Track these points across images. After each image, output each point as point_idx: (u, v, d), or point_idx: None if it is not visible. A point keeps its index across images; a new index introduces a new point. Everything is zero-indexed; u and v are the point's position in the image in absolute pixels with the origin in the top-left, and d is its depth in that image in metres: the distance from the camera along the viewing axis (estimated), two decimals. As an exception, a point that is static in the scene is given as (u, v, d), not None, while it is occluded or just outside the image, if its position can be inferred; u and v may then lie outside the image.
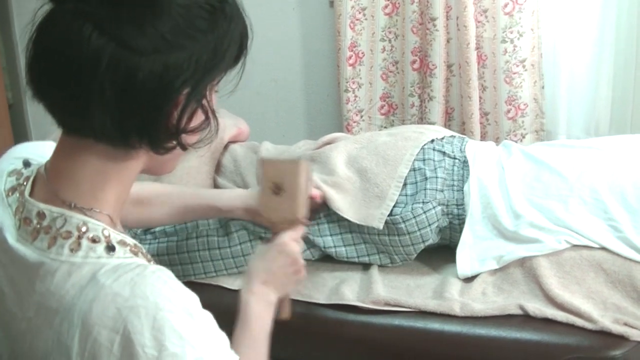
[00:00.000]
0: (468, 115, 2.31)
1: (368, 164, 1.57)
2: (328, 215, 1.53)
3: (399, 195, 1.51)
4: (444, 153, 1.60)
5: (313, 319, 1.45)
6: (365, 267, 1.56)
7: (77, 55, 0.72)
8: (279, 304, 1.04)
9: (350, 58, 2.42)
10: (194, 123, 0.80)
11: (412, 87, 2.41)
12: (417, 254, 1.53)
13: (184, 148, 0.82)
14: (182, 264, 1.52)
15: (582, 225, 1.44)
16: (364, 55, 2.44)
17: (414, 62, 2.39)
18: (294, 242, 1.05)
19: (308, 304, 1.46)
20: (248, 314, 0.98)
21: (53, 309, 0.75)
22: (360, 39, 2.41)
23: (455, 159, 1.60)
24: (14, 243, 0.80)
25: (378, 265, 1.55)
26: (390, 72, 2.46)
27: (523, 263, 1.43)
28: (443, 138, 1.67)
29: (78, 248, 0.77)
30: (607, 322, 1.30)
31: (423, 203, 1.50)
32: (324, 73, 2.62)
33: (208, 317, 0.78)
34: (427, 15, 2.28)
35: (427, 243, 1.52)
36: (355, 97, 2.46)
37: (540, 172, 1.56)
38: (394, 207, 1.50)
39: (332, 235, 1.54)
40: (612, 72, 2.28)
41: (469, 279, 1.47)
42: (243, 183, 1.89)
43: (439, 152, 1.60)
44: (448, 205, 1.54)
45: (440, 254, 1.57)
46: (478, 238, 1.51)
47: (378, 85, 2.47)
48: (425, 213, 1.49)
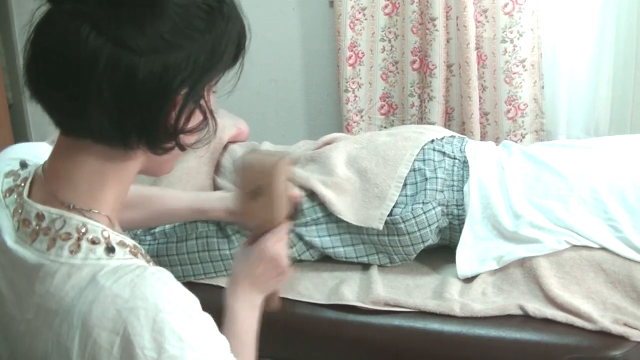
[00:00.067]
0: (468, 115, 2.31)
1: (368, 165, 1.57)
2: (326, 216, 1.53)
3: (399, 196, 1.51)
4: (444, 153, 1.60)
5: (313, 319, 1.45)
6: (365, 267, 1.56)
7: (75, 56, 0.72)
8: (267, 297, 1.04)
9: (350, 58, 2.42)
10: (192, 123, 0.80)
11: (412, 87, 2.41)
12: (416, 254, 1.54)
13: (182, 148, 0.81)
14: (181, 265, 1.52)
15: (582, 226, 1.44)
16: (364, 55, 2.44)
17: (414, 62, 2.39)
18: (277, 244, 1.02)
19: (308, 304, 1.46)
20: (234, 319, 0.98)
21: (53, 311, 0.75)
22: (360, 39, 2.41)
23: (455, 159, 1.60)
24: (13, 245, 0.80)
25: (377, 265, 1.55)
26: (390, 72, 2.46)
27: (523, 263, 1.43)
28: (443, 138, 1.66)
29: (78, 249, 0.77)
30: (606, 322, 1.30)
31: (423, 203, 1.50)
32: (324, 73, 2.62)
33: (208, 319, 0.78)
34: (427, 15, 2.28)
35: (426, 243, 1.52)
36: (355, 97, 2.46)
37: (540, 172, 1.56)
38: (394, 207, 1.50)
39: (330, 236, 1.54)
40: (611, 72, 2.28)
41: (469, 279, 1.47)
42: (243, 183, 1.89)
43: (439, 152, 1.60)
44: (448, 206, 1.54)
45: (440, 254, 1.57)
46: (478, 238, 1.51)
47: (378, 85, 2.47)
48: (425, 213, 1.49)
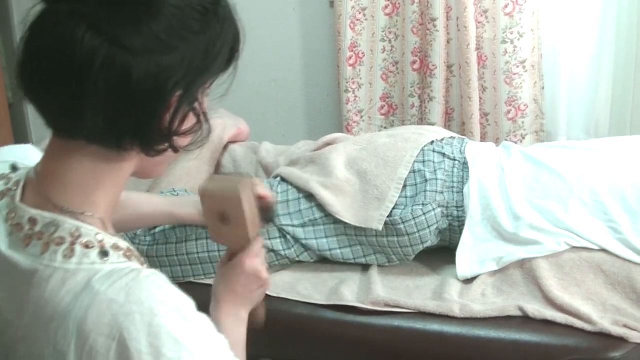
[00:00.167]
0: (468, 116, 2.31)
1: (368, 166, 1.57)
2: (324, 217, 1.53)
3: (399, 197, 1.51)
4: (444, 154, 1.60)
5: (312, 320, 1.45)
6: (365, 267, 1.56)
7: (70, 55, 0.71)
8: (251, 313, 1.04)
9: (351, 58, 2.42)
10: (186, 125, 0.79)
11: (412, 87, 2.41)
12: (414, 255, 1.53)
13: (176, 150, 0.81)
14: (181, 265, 1.52)
15: (581, 227, 1.44)
16: (364, 56, 2.44)
17: (414, 62, 2.38)
18: (254, 259, 1.02)
19: (308, 305, 1.46)
20: (221, 331, 0.98)
21: (48, 317, 0.74)
22: (361, 40, 2.41)
23: (455, 161, 1.60)
24: (6, 250, 0.79)
25: (377, 266, 1.55)
26: (391, 72, 2.46)
27: (523, 264, 1.43)
28: (443, 139, 1.66)
29: (72, 254, 0.76)
30: (606, 323, 1.30)
31: (423, 205, 1.50)
32: (324, 73, 2.62)
33: (204, 320, 0.77)
34: (427, 16, 2.28)
35: (425, 245, 1.52)
36: (356, 97, 2.46)
37: (540, 173, 1.56)
38: (394, 208, 1.50)
39: (327, 238, 1.53)
40: (612, 73, 2.28)
41: (469, 281, 1.47)
42: (243, 183, 1.89)
43: (439, 153, 1.60)
44: (448, 207, 1.53)
45: (440, 255, 1.57)
46: (478, 240, 1.51)
47: (378, 86, 2.47)
48: (425, 215, 1.49)
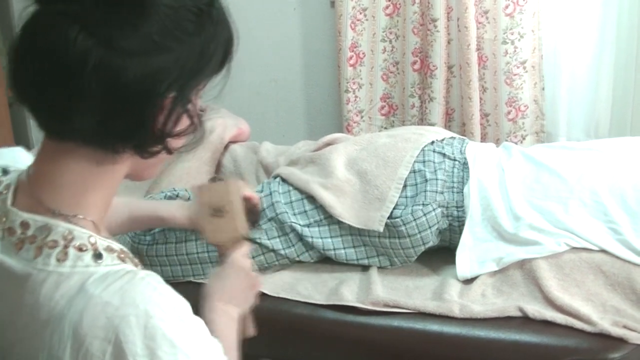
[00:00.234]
0: (468, 117, 2.31)
1: (368, 166, 1.57)
2: (328, 217, 1.53)
3: (399, 197, 1.51)
4: (444, 155, 1.60)
5: (312, 320, 1.45)
6: (365, 268, 1.56)
7: (63, 57, 0.71)
8: (242, 322, 1.05)
9: (351, 58, 2.42)
10: (180, 127, 0.79)
11: (412, 87, 2.41)
12: (417, 256, 1.53)
13: (170, 152, 0.80)
14: (181, 265, 1.52)
15: (581, 228, 1.44)
16: (365, 56, 2.44)
17: (415, 62, 2.38)
18: (244, 257, 1.06)
19: (308, 305, 1.46)
20: (214, 330, 0.98)
21: (43, 321, 0.74)
22: (361, 40, 2.41)
23: (455, 161, 1.60)
24: None
25: (377, 267, 1.55)
26: (391, 72, 2.46)
27: (522, 265, 1.43)
28: (443, 139, 1.66)
29: (65, 257, 0.75)
30: (606, 324, 1.30)
31: (423, 205, 1.50)
32: (325, 73, 2.62)
33: (199, 323, 0.77)
34: (428, 16, 2.28)
35: (427, 245, 1.52)
36: (356, 97, 2.46)
37: (540, 173, 1.56)
38: (394, 209, 1.50)
39: (332, 238, 1.54)
40: (612, 74, 2.28)
41: (469, 281, 1.47)
42: (243, 183, 1.89)
43: (439, 153, 1.60)
44: (448, 207, 1.53)
45: (440, 256, 1.57)
46: (478, 240, 1.51)
47: (378, 86, 2.47)
48: (426, 215, 1.49)
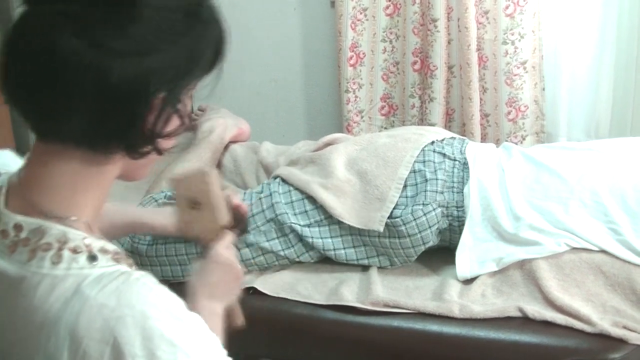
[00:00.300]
0: (468, 117, 2.31)
1: (368, 166, 1.57)
2: (328, 217, 1.53)
3: (399, 197, 1.51)
4: (444, 155, 1.60)
5: (312, 320, 1.45)
6: (365, 268, 1.56)
7: (53, 58, 0.71)
8: (229, 313, 1.04)
9: (351, 58, 2.42)
10: (170, 127, 0.79)
11: (412, 88, 2.40)
12: (417, 256, 1.53)
13: (160, 153, 0.80)
14: (181, 265, 1.52)
15: (582, 228, 1.44)
16: (365, 56, 2.43)
17: (415, 63, 2.38)
18: (226, 249, 1.04)
19: (307, 305, 1.46)
20: None
21: (38, 323, 0.73)
22: (361, 40, 2.41)
23: (456, 161, 1.60)
24: None
25: (377, 267, 1.55)
26: (391, 72, 2.46)
27: (522, 265, 1.43)
28: (443, 140, 1.66)
29: (59, 260, 0.75)
30: (606, 325, 1.30)
31: (423, 205, 1.50)
32: (325, 73, 2.62)
33: (197, 319, 0.77)
34: (428, 17, 2.28)
35: (427, 245, 1.52)
36: (356, 97, 2.46)
37: (540, 174, 1.56)
38: (394, 209, 1.50)
39: (332, 238, 1.54)
40: (612, 74, 2.28)
41: (469, 281, 1.47)
42: (243, 183, 1.89)
43: (439, 153, 1.60)
44: (448, 207, 1.53)
45: (440, 256, 1.57)
46: (478, 240, 1.51)
47: (379, 86, 2.47)
48: (426, 215, 1.49)
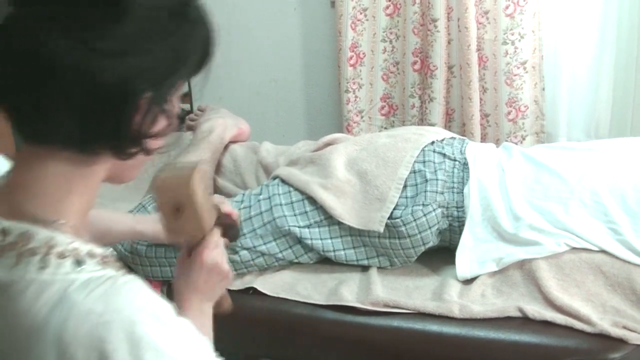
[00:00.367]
0: (468, 117, 2.31)
1: (368, 166, 1.57)
2: (328, 218, 1.53)
3: (399, 198, 1.51)
4: (444, 155, 1.60)
5: (312, 320, 1.45)
6: (365, 268, 1.56)
7: (39, 59, 0.71)
8: (217, 301, 1.04)
9: (351, 58, 2.42)
10: (157, 128, 0.78)
11: (412, 88, 2.40)
12: (417, 257, 1.53)
13: (148, 153, 0.80)
14: (181, 265, 1.52)
15: (581, 228, 1.44)
16: (365, 56, 2.43)
17: (415, 63, 2.38)
18: (213, 251, 1.01)
19: (307, 305, 1.46)
20: None
21: (25, 329, 0.73)
22: (361, 40, 2.41)
23: (456, 161, 1.60)
24: None
25: (377, 267, 1.55)
26: (391, 72, 2.46)
27: (522, 265, 1.43)
28: (443, 140, 1.66)
29: (46, 265, 0.74)
30: (606, 325, 1.30)
31: (423, 205, 1.50)
32: (325, 73, 2.62)
33: (185, 324, 0.76)
34: (428, 17, 2.28)
35: (427, 246, 1.52)
36: (356, 97, 2.46)
37: (540, 174, 1.56)
38: (394, 209, 1.50)
39: (332, 239, 1.53)
40: (612, 74, 2.28)
41: (468, 281, 1.47)
42: (242, 183, 1.89)
43: (439, 154, 1.60)
44: (448, 208, 1.53)
45: (440, 256, 1.57)
46: (478, 240, 1.51)
47: (379, 86, 2.47)
48: (426, 216, 1.49)
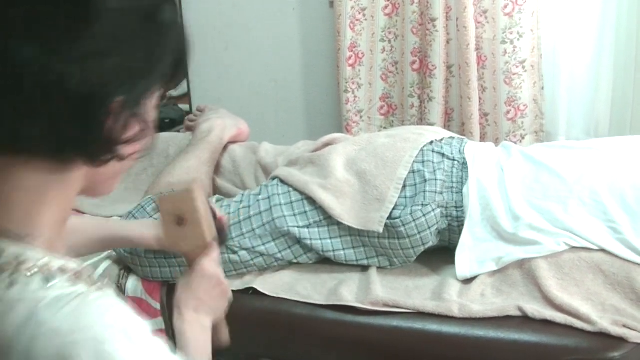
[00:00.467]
0: (468, 116, 2.31)
1: (367, 167, 1.57)
2: (327, 218, 1.53)
3: (398, 198, 1.51)
4: (443, 155, 1.60)
5: (312, 320, 1.45)
6: (364, 268, 1.56)
7: (4, 65, 0.68)
8: (215, 330, 1.04)
9: (350, 58, 2.42)
10: (130, 133, 0.75)
11: (411, 87, 2.40)
12: (416, 257, 1.53)
13: (122, 159, 0.77)
14: (179, 267, 1.51)
15: (581, 227, 1.44)
16: (364, 56, 2.43)
17: (414, 62, 2.38)
18: (212, 264, 1.04)
19: (307, 305, 1.46)
20: (187, 342, 0.97)
21: None
22: (360, 40, 2.41)
23: (455, 161, 1.60)
24: None
25: (377, 267, 1.55)
26: (390, 72, 2.46)
27: (522, 265, 1.43)
28: (442, 139, 1.66)
29: (14, 282, 0.71)
30: (605, 323, 1.30)
31: (422, 205, 1.50)
32: (324, 73, 2.62)
33: (157, 343, 0.73)
34: (427, 16, 2.27)
35: (427, 246, 1.52)
36: (355, 97, 2.46)
37: (540, 173, 1.56)
38: (394, 209, 1.49)
39: (331, 239, 1.53)
40: (612, 73, 2.28)
41: (468, 281, 1.47)
42: (242, 183, 1.88)
43: (438, 153, 1.60)
44: (447, 208, 1.53)
45: (439, 256, 1.57)
46: (477, 240, 1.51)
47: (378, 86, 2.47)
48: (425, 216, 1.49)
